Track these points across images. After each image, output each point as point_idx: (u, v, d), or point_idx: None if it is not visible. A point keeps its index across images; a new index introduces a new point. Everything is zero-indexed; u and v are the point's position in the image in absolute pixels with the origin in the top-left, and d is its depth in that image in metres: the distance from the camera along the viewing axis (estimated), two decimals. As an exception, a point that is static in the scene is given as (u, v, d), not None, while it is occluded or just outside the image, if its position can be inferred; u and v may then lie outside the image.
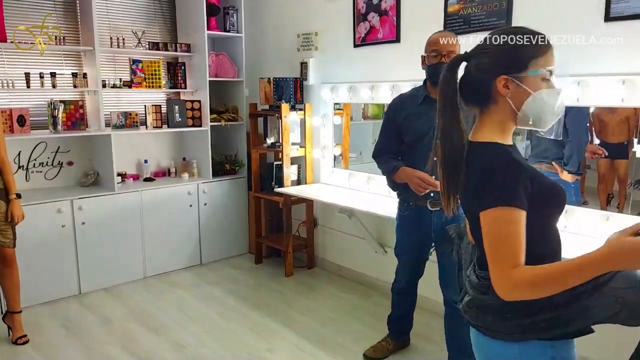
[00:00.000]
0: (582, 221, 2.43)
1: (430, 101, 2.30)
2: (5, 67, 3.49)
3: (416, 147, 2.33)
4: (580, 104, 2.39)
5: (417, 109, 2.35)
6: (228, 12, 4.14)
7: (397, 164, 2.37)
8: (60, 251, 3.44)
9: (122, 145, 3.97)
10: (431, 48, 2.28)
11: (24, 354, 2.77)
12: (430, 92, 2.33)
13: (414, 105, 2.37)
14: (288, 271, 3.88)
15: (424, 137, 2.29)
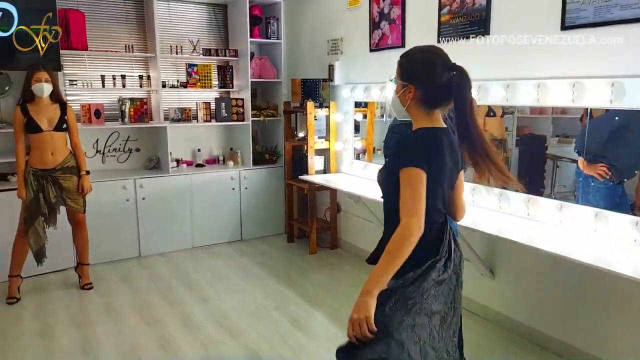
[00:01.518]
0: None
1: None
2: (87, 70, 4.35)
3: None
4: (540, 104, 2.68)
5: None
6: (270, 22, 4.74)
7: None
8: (124, 221, 4.24)
9: (180, 136, 4.73)
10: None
11: (87, 296, 3.56)
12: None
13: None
14: (311, 249, 4.41)
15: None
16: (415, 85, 1.56)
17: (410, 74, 1.58)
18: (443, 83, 1.53)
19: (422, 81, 1.56)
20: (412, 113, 1.61)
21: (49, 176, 3.42)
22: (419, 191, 1.46)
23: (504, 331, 3.03)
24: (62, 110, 3.46)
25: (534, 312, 2.91)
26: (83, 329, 3.07)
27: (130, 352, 2.80)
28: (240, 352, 2.81)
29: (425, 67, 1.56)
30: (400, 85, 1.60)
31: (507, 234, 2.56)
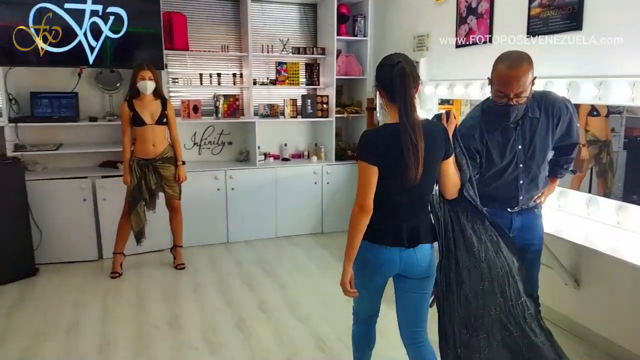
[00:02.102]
0: None
1: (509, 128, 2.14)
2: (188, 68, 4.73)
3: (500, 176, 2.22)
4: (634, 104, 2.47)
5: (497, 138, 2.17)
6: (357, 19, 4.80)
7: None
8: (215, 208, 4.57)
9: (269, 131, 4.97)
10: (497, 87, 2.04)
11: (179, 275, 3.90)
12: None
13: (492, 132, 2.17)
14: (390, 246, 4.42)
15: (509, 166, 2.19)
16: (380, 86, 1.88)
17: (376, 79, 1.91)
18: (389, 80, 1.79)
19: (380, 82, 1.86)
20: (388, 111, 1.91)
21: (150, 165, 3.79)
22: (363, 180, 1.80)
23: (585, 345, 2.84)
24: (163, 105, 3.81)
25: (620, 328, 2.69)
26: (172, 304, 3.38)
27: (210, 329, 3.04)
28: (309, 339, 2.93)
29: (379, 70, 1.87)
30: (378, 93, 1.92)
31: (593, 243, 2.43)
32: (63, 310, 3.26)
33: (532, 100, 2.14)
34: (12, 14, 3.74)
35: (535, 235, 2.33)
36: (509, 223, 2.28)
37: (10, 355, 2.72)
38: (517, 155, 2.18)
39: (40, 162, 4.25)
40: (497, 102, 2.07)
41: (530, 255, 2.32)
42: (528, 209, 2.31)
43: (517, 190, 2.23)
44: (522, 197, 2.24)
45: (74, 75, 4.30)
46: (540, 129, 2.15)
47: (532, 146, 2.17)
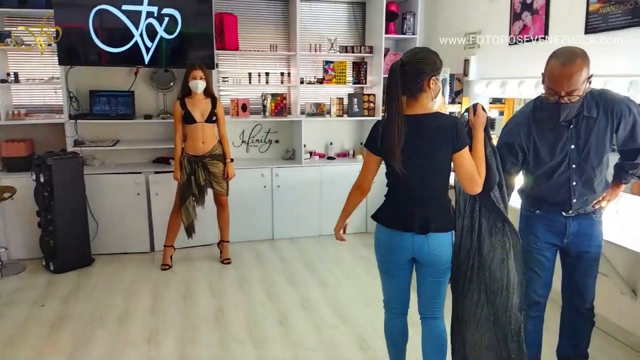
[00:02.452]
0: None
1: (561, 127, 2.05)
2: (237, 68, 4.83)
3: (550, 177, 2.14)
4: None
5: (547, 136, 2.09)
6: (406, 17, 4.74)
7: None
8: (261, 205, 4.64)
9: (314, 129, 5.00)
10: (548, 84, 1.96)
11: (225, 269, 4.00)
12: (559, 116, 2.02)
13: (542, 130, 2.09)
14: (435, 248, 4.34)
15: (560, 166, 2.10)
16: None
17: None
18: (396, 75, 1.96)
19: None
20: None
21: (199, 162, 3.90)
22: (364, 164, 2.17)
23: (642, 359, 2.69)
24: (212, 104, 3.91)
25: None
26: (217, 297, 3.47)
27: (254, 323, 3.10)
28: (350, 338, 2.93)
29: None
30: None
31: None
32: (115, 299, 3.42)
33: (590, 99, 2.04)
34: (73, 16, 3.95)
35: (592, 243, 2.21)
36: (563, 228, 2.18)
37: (64, 340, 2.88)
38: (570, 155, 2.08)
39: (98, 157, 4.47)
40: (549, 100, 1.99)
41: (585, 264, 2.22)
42: (585, 214, 2.18)
43: (570, 193, 2.13)
44: (576, 200, 2.13)
45: (131, 74, 4.49)
46: (597, 129, 2.04)
47: (586, 147, 2.06)
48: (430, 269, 2.07)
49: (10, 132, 4.24)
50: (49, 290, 3.55)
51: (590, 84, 1.98)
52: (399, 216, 2.06)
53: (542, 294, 2.28)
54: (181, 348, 2.82)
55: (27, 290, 3.55)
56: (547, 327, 2.39)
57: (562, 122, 2.05)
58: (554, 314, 2.49)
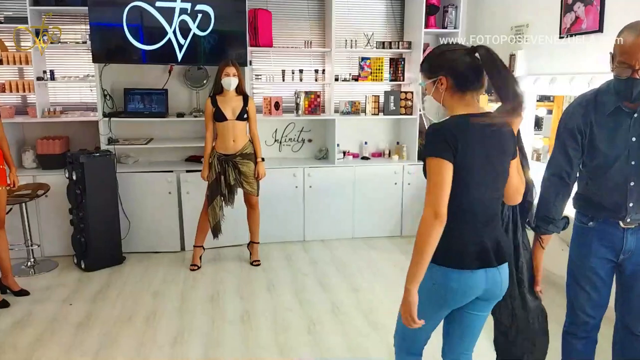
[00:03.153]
0: None
1: (623, 113, 1.83)
2: (271, 65, 4.73)
3: (605, 172, 1.88)
4: None
5: (606, 121, 1.85)
6: (447, 10, 4.52)
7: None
8: (293, 206, 4.52)
9: (349, 128, 4.84)
10: (620, 58, 1.73)
11: (254, 271, 3.90)
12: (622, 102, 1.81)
13: (601, 114, 1.86)
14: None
15: (617, 160, 1.86)
16: (444, 73, 1.61)
17: (435, 67, 1.64)
18: (468, 64, 1.58)
19: (449, 68, 1.60)
20: (448, 104, 1.63)
21: (230, 161, 3.82)
22: (437, 180, 1.52)
23: None
24: (244, 102, 3.81)
25: None
26: (245, 300, 3.37)
27: (281, 329, 2.98)
28: (381, 347, 2.76)
29: (446, 55, 1.63)
30: (431, 84, 1.65)
31: None
32: (144, 299, 3.37)
33: None
34: (107, 13, 3.93)
35: None
36: (620, 242, 1.91)
37: (90, 339, 2.84)
38: (630, 149, 1.82)
39: (132, 156, 4.47)
40: (620, 77, 1.74)
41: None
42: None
43: (626, 195, 1.86)
44: (633, 204, 1.86)
45: (165, 72, 4.46)
46: None
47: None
48: (486, 303, 1.71)
49: (46, 130, 4.29)
50: (79, 289, 3.54)
51: None
52: (470, 250, 1.60)
53: (593, 315, 2.03)
54: (205, 351, 2.72)
55: (57, 288, 3.55)
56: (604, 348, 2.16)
57: (625, 109, 1.80)
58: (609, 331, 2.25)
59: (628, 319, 2.04)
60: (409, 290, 1.54)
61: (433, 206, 1.49)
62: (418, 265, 1.51)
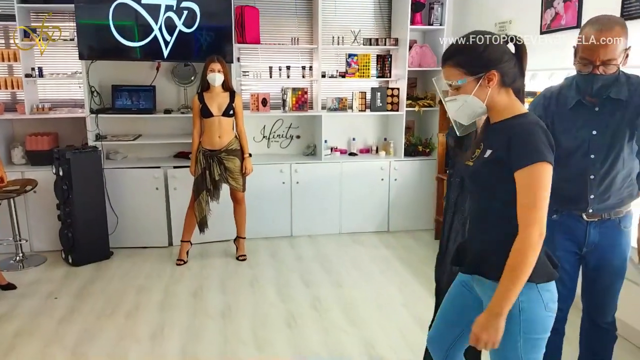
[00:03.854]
0: None
1: (584, 108, 1.87)
2: (259, 62, 4.75)
3: (565, 164, 1.87)
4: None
5: (568, 115, 1.90)
6: (433, 7, 4.53)
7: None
8: (280, 202, 4.56)
9: (337, 124, 4.87)
10: (581, 54, 1.78)
11: (240, 266, 3.94)
12: (583, 96, 1.86)
13: (563, 108, 1.92)
14: (459, 250, 4.14)
15: (576, 152, 1.90)
16: (496, 68, 1.44)
17: (483, 61, 1.45)
18: (511, 56, 1.47)
19: (498, 62, 1.44)
20: (495, 102, 1.47)
21: (215, 156, 3.85)
22: (547, 193, 1.38)
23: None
24: (231, 98, 3.85)
25: None
26: (227, 295, 3.41)
27: (260, 324, 3.02)
28: (358, 343, 2.80)
29: (492, 47, 1.45)
30: (474, 81, 1.45)
31: None
32: (128, 294, 3.41)
33: (622, 82, 1.81)
34: (94, 12, 3.96)
35: (616, 255, 1.96)
36: (582, 235, 1.95)
37: (70, 333, 2.89)
38: (590, 142, 1.85)
39: (120, 152, 4.51)
40: (582, 72, 1.79)
41: (606, 277, 1.99)
42: (609, 220, 1.93)
43: (586, 187, 1.89)
44: (594, 196, 1.89)
45: (153, 69, 4.49)
46: (625, 115, 1.81)
47: (611, 134, 1.83)
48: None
49: (35, 126, 4.33)
50: (65, 283, 3.58)
51: (627, 58, 1.77)
52: (550, 258, 1.53)
53: (559, 307, 2.07)
54: (183, 345, 2.77)
55: (43, 282, 3.60)
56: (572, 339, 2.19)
57: (586, 103, 1.84)
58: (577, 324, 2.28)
59: (593, 311, 2.08)
60: (501, 315, 1.38)
61: (541, 224, 1.36)
62: (518, 287, 1.36)
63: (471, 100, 1.46)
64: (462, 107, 1.49)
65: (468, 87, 1.46)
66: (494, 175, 1.46)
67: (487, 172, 1.48)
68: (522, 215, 1.37)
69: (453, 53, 1.50)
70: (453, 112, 1.54)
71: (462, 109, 1.50)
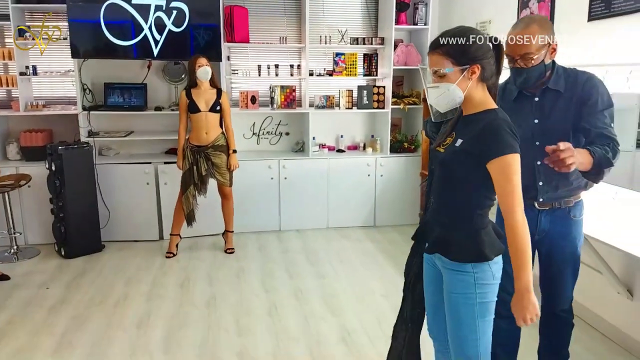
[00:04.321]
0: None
1: (526, 98, 2.00)
2: (248, 61, 4.87)
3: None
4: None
5: (512, 106, 1.99)
6: (417, 7, 4.63)
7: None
8: (268, 197, 4.67)
9: (325, 122, 4.98)
10: (506, 51, 1.89)
11: (227, 259, 4.06)
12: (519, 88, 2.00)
13: (508, 100, 2.04)
14: (441, 243, 4.25)
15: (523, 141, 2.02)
16: (478, 63, 1.56)
17: (470, 54, 1.56)
18: (492, 55, 1.59)
19: (482, 57, 1.56)
20: (472, 95, 1.60)
21: (202, 152, 3.97)
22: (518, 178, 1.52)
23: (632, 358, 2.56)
24: (218, 95, 3.96)
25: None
26: (214, 286, 3.53)
27: (243, 313, 3.14)
28: (335, 329, 2.92)
29: (480, 43, 1.56)
30: (459, 71, 1.57)
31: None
32: (117, 285, 3.53)
33: (559, 73, 1.96)
34: (85, 11, 4.08)
35: (567, 243, 2.06)
36: (534, 223, 2.04)
37: (60, 322, 3.01)
38: (533, 131, 1.97)
39: (113, 148, 4.63)
40: (508, 67, 1.95)
41: (557, 265, 2.09)
42: (560, 209, 2.04)
43: (535, 175, 2.00)
44: (542, 183, 2.00)
45: (144, 67, 4.60)
46: (562, 104, 1.94)
47: (551, 122, 1.95)
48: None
49: (29, 123, 4.45)
50: (56, 275, 3.70)
51: (553, 52, 1.92)
52: (498, 232, 1.69)
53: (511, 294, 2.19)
54: (168, 333, 2.89)
55: (36, 274, 3.72)
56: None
57: (527, 94, 1.98)
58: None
59: (548, 298, 2.17)
60: (531, 291, 1.55)
61: (521, 205, 1.51)
62: (528, 263, 1.54)
63: (453, 89, 1.56)
64: (442, 95, 1.59)
65: (453, 76, 1.56)
66: (462, 164, 1.59)
67: (456, 161, 1.61)
68: (504, 201, 1.52)
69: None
70: (433, 98, 1.63)
71: (443, 96, 1.59)
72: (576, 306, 2.83)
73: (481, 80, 1.59)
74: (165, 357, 2.64)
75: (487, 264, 1.61)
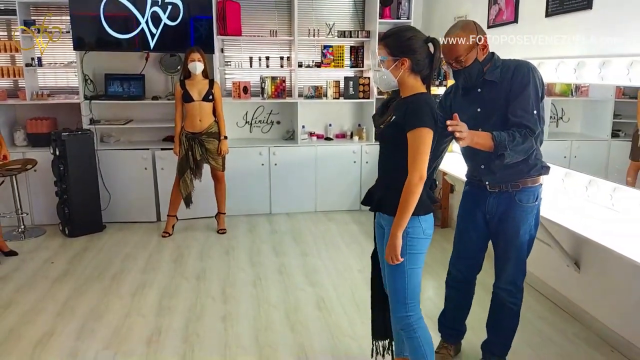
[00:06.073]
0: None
1: (472, 91, 2.21)
2: (241, 53, 5.13)
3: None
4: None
5: (461, 100, 2.27)
6: (401, 2, 4.87)
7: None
8: (259, 182, 4.96)
9: (314, 111, 5.25)
10: (442, 55, 2.07)
11: (219, 238, 4.35)
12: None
13: (457, 94, 2.30)
14: (420, 225, 4.52)
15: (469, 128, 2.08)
16: (408, 57, 1.89)
17: (401, 49, 1.91)
18: (426, 52, 1.91)
19: (412, 53, 1.90)
20: (404, 82, 1.94)
21: (196, 138, 4.25)
22: (425, 149, 1.83)
23: (578, 326, 2.83)
24: (210, 85, 4.24)
25: (613, 312, 2.64)
26: (204, 261, 3.82)
27: (230, 284, 3.43)
28: (312, 299, 3.20)
29: (412, 41, 1.91)
30: (391, 60, 1.91)
31: (591, 231, 2.33)
32: (114, 261, 3.83)
33: (497, 65, 2.14)
34: (86, 5, 4.35)
35: (510, 225, 2.19)
36: (484, 203, 2.25)
37: (62, 293, 3.31)
38: (476, 118, 2.16)
39: (114, 135, 4.92)
40: (452, 70, 2.22)
41: (502, 245, 2.25)
42: (506, 192, 2.19)
43: (478, 159, 2.20)
44: (484, 166, 2.19)
45: (142, 59, 4.88)
46: (498, 93, 2.12)
47: (491, 110, 2.14)
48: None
49: (35, 111, 4.75)
50: (60, 252, 4.01)
51: (485, 49, 2.11)
52: (431, 198, 2.01)
53: (459, 269, 2.44)
54: (159, 300, 3.18)
55: (42, 250, 4.03)
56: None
57: (469, 86, 2.19)
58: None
59: (496, 275, 2.35)
60: (397, 236, 1.87)
61: (420, 170, 1.81)
62: (406, 217, 1.85)
63: (387, 75, 1.93)
64: (381, 78, 1.96)
65: (387, 64, 1.92)
66: (394, 135, 1.91)
67: (390, 133, 1.95)
68: (410, 163, 1.83)
69: (386, 35, 1.95)
70: (376, 79, 2.01)
71: (381, 79, 1.97)
72: (531, 277, 3.12)
73: (413, 71, 1.91)
74: (156, 319, 2.94)
75: (418, 219, 1.91)
